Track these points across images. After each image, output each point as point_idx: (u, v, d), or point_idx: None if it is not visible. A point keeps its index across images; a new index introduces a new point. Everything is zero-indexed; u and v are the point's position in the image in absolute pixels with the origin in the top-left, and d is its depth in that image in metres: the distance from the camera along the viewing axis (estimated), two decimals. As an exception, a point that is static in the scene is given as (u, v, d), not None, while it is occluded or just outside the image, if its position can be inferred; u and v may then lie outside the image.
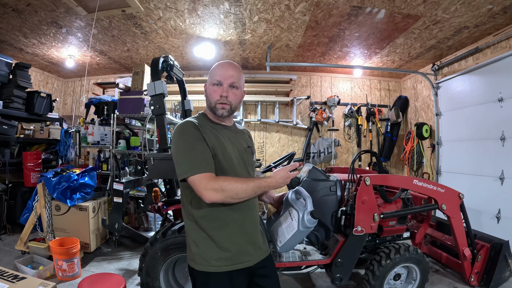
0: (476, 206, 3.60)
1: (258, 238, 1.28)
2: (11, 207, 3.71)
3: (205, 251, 1.17)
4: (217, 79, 1.24)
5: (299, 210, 1.39)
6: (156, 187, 2.94)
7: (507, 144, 3.36)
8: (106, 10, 3.11)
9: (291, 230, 1.41)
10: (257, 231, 1.28)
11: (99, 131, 3.84)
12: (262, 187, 1.17)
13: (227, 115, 1.26)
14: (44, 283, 1.57)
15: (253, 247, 1.23)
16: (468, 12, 3.04)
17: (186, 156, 1.15)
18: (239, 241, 1.20)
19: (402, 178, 2.82)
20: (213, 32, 3.74)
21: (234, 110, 1.28)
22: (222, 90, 1.22)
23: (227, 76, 1.23)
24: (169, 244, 2.05)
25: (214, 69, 1.28)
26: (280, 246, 1.45)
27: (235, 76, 1.24)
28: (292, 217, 1.42)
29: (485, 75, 3.71)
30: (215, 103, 1.23)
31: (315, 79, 5.53)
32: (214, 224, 1.18)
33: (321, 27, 3.55)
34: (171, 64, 2.61)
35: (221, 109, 1.23)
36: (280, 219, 1.50)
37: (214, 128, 1.26)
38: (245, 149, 1.31)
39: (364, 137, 5.40)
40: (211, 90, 1.25)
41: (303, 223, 1.35)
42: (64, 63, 4.85)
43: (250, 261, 1.21)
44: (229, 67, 1.26)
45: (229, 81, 1.22)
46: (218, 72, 1.25)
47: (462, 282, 2.68)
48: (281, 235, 1.47)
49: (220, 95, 1.22)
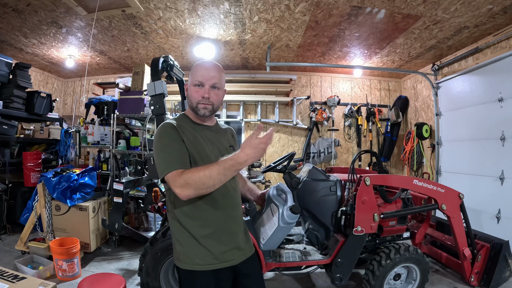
0: (476, 206, 3.60)
1: (241, 238, 1.27)
2: (11, 207, 3.71)
3: (189, 249, 1.19)
4: (198, 80, 1.23)
5: (280, 205, 1.36)
6: (156, 187, 2.94)
7: (507, 144, 3.36)
8: (106, 10, 3.11)
9: (273, 227, 1.38)
10: (240, 231, 1.28)
11: (99, 131, 3.84)
12: (229, 166, 1.03)
13: (209, 114, 1.26)
14: (44, 283, 1.58)
15: (236, 246, 1.23)
16: (468, 12, 3.04)
17: (162, 156, 1.15)
18: (222, 240, 1.20)
19: (402, 178, 2.82)
20: (213, 32, 3.74)
21: (216, 109, 1.28)
22: (204, 91, 1.22)
23: (209, 77, 1.22)
24: (169, 244, 2.05)
25: (195, 69, 1.26)
26: (263, 244, 1.42)
27: (217, 76, 1.24)
28: (273, 213, 1.40)
29: (485, 75, 3.71)
30: (197, 103, 1.23)
31: (315, 79, 5.53)
32: (196, 223, 1.19)
33: (321, 27, 3.55)
34: (171, 64, 2.61)
35: (203, 109, 1.24)
36: (262, 216, 1.47)
37: (194, 128, 1.26)
38: (227, 149, 1.30)
39: (364, 137, 5.40)
40: (192, 90, 1.24)
41: (283, 218, 1.32)
42: (64, 63, 4.85)
43: (234, 260, 1.22)
44: (210, 68, 1.25)
45: (210, 82, 1.22)
46: (199, 73, 1.24)
47: (462, 282, 2.68)
48: (263, 232, 1.44)
49: (202, 96, 1.22)
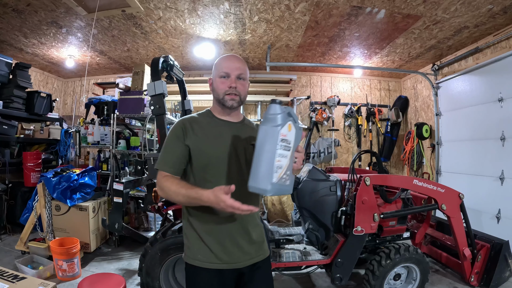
0: (476, 206, 3.60)
1: (246, 241, 1.22)
2: (11, 207, 3.71)
3: (193, 245, 1.21)
4: (224, 71, 1.22)
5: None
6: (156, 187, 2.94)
7: (507, 144, 3.36)
8: (106, 10, 3.11)
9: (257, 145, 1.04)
10: (247, 234, 1.23)
11: (99, 131, 3.84)
12: (193, 197, 1.07)
13: (237, 106, 1.24)
14: (44, 283, 1.58)
15: (239, 250, 1.21)
16: (468, 12, 3.04)
17: (161, 152, 1.24)
18: (224, 241, 1.19)
19: (402, 178, 2.82)
20: (213, 32, 3.74)
21: (243, 101, 1.26)
22: (231, 81, 1.21)
23: (234, 68, 1.22)
24: (169, 244, 2.05)
25: (220, 62, 1.26)
26: (250, 177, 1.01)
27: (242, 68, 1.24)
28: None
29: (485, 75, 3.71)
30: (224, 94, 1.22)
31: (315, 79, 5.53)
32: (201, 221, 1.21)
33: (321, 27, 3.54)
34: (171, 64, 2.61)
35: (231, 100, 1.22)
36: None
37: (211, 124, 1.25)
38: (245, 148, 1.22)
39: (364, 137, 5.39)
40: (218, 82, 1.23)
41: (264, 116, 1.05)
42: (64, 63, 4.85)
43: (238, 264, 1.20)
44: (235, 59, 1.26)
45: (236, 72, 1.22)
46: (224, 65, 1.24)
47: (462, 282, 2.68)
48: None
49: (229, 86, 1.20)
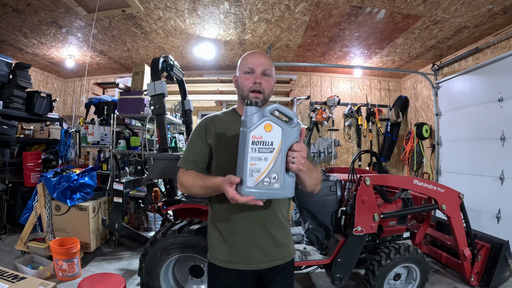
0: (476, 206, 3.60)
1: (268, 243, 1.19)
2: (11, 207, 3.71)
3: (215, 244, 1.22)
4: (249, 66, 1.20)
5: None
6: (156, 187, 2.94)
7: (507, 144, 3.36)
8: (106, 10, 3.11)
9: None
10: (268, 237, 1.19)
11: (99, 131, 3.84)
12: (208, 186, 1.09)
13: (261, 104, 1.20)
14: (44, 283, 1.58)
15: (260, 251, 1.18)
16: (468, 12, 3.04)
17: (184, 150, 1.29)
18: (245, 243, 1.18)
19: (402, 178, 2.82)
20: (213, 32, 3.74)
21: (267, 99, 1.24)
22: (255, 77, 1.19)
23: (260, 63, 1.20)
24: (169, 244, 2.05)
25: (245, 58, 1.25)
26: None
27: (267, 63, 1.21)
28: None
29: (485, 75, 3.71)
30: (248, 91, 1.20)
31: (315, 79, 5.53)
32: (224, 220, 1.21)
33: (321, 27, 3.55)
34: (171, 64, 2.61)
35: (254, 98, 1.18)
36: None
37: (234, 122, 1.21)
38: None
39: (364, 137, 5.40)
40: (243, 78, 1.21)
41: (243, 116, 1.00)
42: (64, 63, 4.85)
43: (257, 265, 1.18)
44: (260, 55, 1.24)
45: (261, 68, 1.20)
46: (249, 60, 1.22)
47: (462, 282, 2.68)
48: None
49: (254, 82, 1.19)
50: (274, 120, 0.97)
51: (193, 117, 3.34)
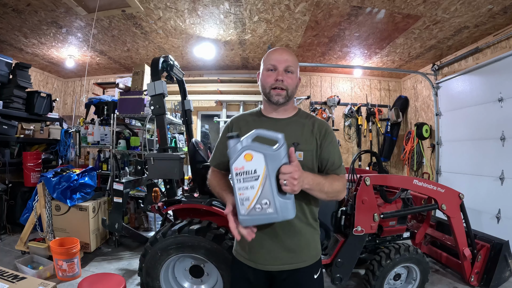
0: (476, 206, 3.60)
1: (276, 246, 1.16)
2: (11, 207, 3.71)
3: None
4: (271, 63, 1.18)
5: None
6: (156, 187, 2.94)
7: (507, 144, 3.36)
8: (106, 10, 3.11)
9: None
10: (276, 239, 1.16)
11: (99, 131, 3.84)
12: (221, 197, 1.18)
13: (283, 101, 1.18)
14: (44, 283, 1.58)
15: (267, 253, 1.17)
16: (468, 12, 3.04)
17: (214, 149, 1.35)
18: (253, 241, 1.12)
19: (402, 178, 2.82)
20: (213, 32, 3.74)
21: (290, 96, 1.20)
22: (277, 74, 1.16)
23: (282, 60, 1.17)
24: (169, 244, 2.05)
25: (268, 54, 1.23)
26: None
27: (290, 60, 1.18)
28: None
29: (485, 75, 3.71)
30: (270, 88, 1.18)
31: (315, 79, 5.53)
32: None
33: (321, 27, 3.55)
34: (171, 64, 2.61)
35: (276, 95, 1.17)
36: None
37: (256, 121, 1.23)
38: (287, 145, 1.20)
39: (364, 137, 5.40)
40: (265, 75, 1.19)
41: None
42: (64, 63, 4.85)
43: (264, 266, 1.17)
44: (283, 51, 1.21)
45: (284, 65, 1.17)
46: (272, 57, 1.19)
47: (462, 282, 2.68)
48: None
49: (275, 79, 1.16)
50: (255, 148, 0.96)
51: (193, 117, 3.34)
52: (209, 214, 2.18)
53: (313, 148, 1.17)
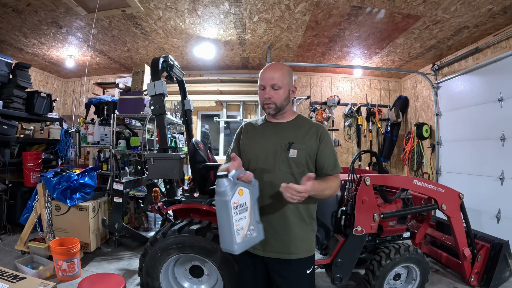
0: (476, 206, 3.60)
1: (272, 235, 1.32)
2: (11, 207, 3.71)
3: None
4: (261, 83, 1.38)
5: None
6: (156, 187, 2.94)
7: (507, 144, 3.36)
8: (106, 10, 3.11)
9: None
10: (270, 226, 1.31)
11: (99, 131, 3.84)
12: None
13: (274, 113, 1.40)
14: (44, 283, 1.58)
15: (263, 240, 1.28)
16: (468, 12, 3.04)
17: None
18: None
19: (402, 178, 2.82)
20: (213, 32, 3.75)
21: (280, 107, 1.38)
22: (265, 92, 1.37)
23: (268, 79, 1.36)
24: (169, 244, 2.05)
25: (261, 73, 1.41)
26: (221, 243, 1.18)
27: (276, 77, 1.35)
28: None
29: (485, 75, 3.71)
30: (262, 103, 1.40)
31: (315, 79, 5.53)
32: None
33: (321, 27, 3.55)
34: (171, 64, 2.61)
35: (267, 108, 1.39)
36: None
37: (261, 126, 1.48)
38: (280, 145, 1.36)
39: (364, 137, 5.40)
40: (259, 93, 1.41)
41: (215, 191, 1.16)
42: (64, 63, 4.86)
43: (256, 250, 1.34)
44: (271, 69, 1.38)
45: (270, 83, 1.35)
46: (262, 76, 1.39)
47: (462, 282, 2.68)
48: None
49: (264, 97, 1.37)
50: (243, 184, 1.18)
51: (193, 117, 3.34)
52: (209, 214, 2.18)
53: (306, 147, 1.35)
